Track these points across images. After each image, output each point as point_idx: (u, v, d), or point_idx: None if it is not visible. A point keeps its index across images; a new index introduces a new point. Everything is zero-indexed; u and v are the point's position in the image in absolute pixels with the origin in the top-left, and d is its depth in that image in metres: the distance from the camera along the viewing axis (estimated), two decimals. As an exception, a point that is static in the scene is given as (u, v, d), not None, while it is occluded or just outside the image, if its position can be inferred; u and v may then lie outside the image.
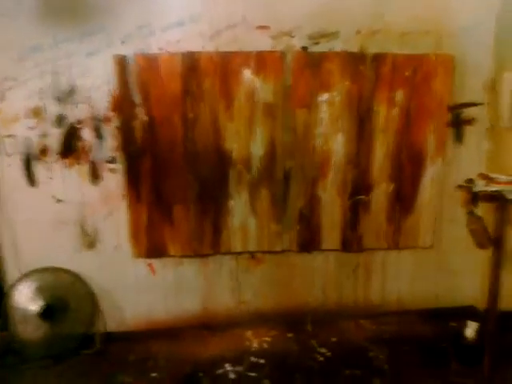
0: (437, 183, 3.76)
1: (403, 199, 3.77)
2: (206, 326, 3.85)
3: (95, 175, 3.52)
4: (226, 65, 3.37)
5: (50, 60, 3.31)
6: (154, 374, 3.32)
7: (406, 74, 3.51)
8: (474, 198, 3.05)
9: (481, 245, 3.12)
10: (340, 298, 3.99)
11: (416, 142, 3.65)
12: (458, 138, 3.74)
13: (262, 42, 3.37)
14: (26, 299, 3.52)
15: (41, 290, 3.53)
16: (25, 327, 3.54)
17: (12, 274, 3.64)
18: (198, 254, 3.73)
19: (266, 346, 3.64)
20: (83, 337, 3.65)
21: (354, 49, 3.47)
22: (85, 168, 3.49)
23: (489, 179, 3.04)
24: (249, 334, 3.78)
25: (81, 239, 3.63)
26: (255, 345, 3.65)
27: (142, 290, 3.77)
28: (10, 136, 3.42)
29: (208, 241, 3.69)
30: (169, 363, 3.44)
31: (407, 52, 3.49)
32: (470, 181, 3.10)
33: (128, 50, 3.31)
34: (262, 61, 3.38)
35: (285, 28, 3.38)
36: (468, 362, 3.34)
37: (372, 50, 3.47)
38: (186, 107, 3.41)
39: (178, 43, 3.33)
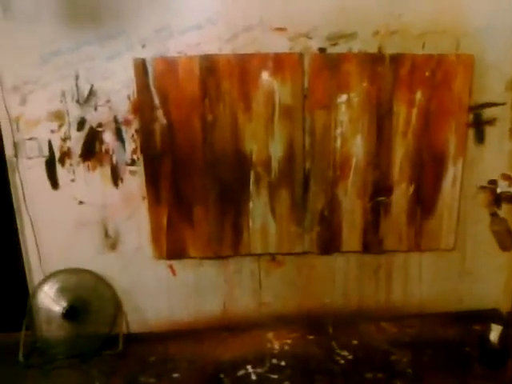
0: (458, 184, 3.71)
1: (424, 200, 3.74)
2: (227, 327, 3.85)
3: (116, 177, 3.57)
4: (244, 67, 3.39)
5: (70, 63, 3.36)
6: (175, 375, 3.33)
7: (426, 74, 3.48)
8: (497, 199, 3.01)
9: (504, 247, 3.08)
10: (361, 301, 3.97)
11: (436, 142, 3.62)
12: (480, 138, 3.69)
13: (279, 44, 3.38)
14: (50, 300, 3.57)
15: (64, 291, 3.58)
16: (49, 327, 3.60)
17: (36, 275, 3.71)
18: (219, 256, 3.74)
19: (287, 347, 3.61)
20: (106, 337, 3.68)
21: (373, 49, 3.45)
22: (106, 170, 3.54)
23: (512, 180, 3.01)
24: (270, 335, 3.76)
25: (103, 241, 3.68)
26: (276, 347, 3.63)
27: (162, 292, 3.80)
28: (31, 139, 3.47)
29: (228, 242, 3.70)
30: (190, 364, 3.44)
31: (426, 52, 3.47)
32: (493, 182, 3.06)
33: (147, 54, 3.34)
34: (279, 62, 3.39)
35: (302, 29, 3.38)
36: (492, 365, 3.28)
37: (390, 50, 3.45)
38: (205, 109, 3.43)
39: (197, 46, 3.35)
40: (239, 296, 3.87)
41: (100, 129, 3.48)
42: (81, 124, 3.47)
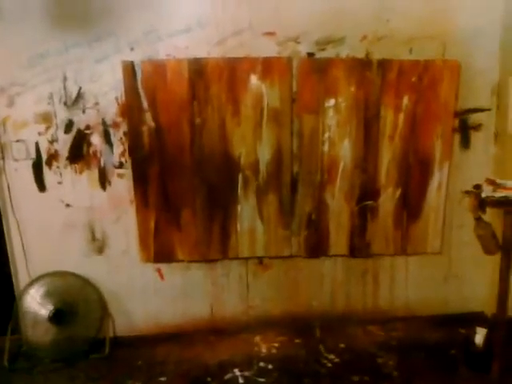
0: (444, 189, 3.76)
1: (410, 204, 3.77)
2: (215, 330, 3.85)
3: (104, 180, 3.56)
4: (233, 71, 3.40)
5: (58, 65, 3.35)
6: (162, 379, 3.32)
7: (412, 79, 3.53)
8: (482, 203, 3.02)
9: (489, 251, 3.08)
10: (348, 304, 3.99)
11: (423, 147, 3.66)
12: (465, 143, 3.74)
13: (268, 48, 3.41)
14: (36, 303, 3.55)
15: (50, 294, 3.55)
16: (35, 331, 3.56)
17: (22, 278, 3.68)
18: (206, 259, 3.75)
19: (274, 351, 3.63)
20: (93, 341, 3.66)
21: (360, 55, 3.49)
22: (94, 173, 3.54)
23: (496, 185, 3.03)
24: (257, 338, 3.77)
25: (90, 244, 3.67)
26: (263, 350, 3.64)
27: (150, 295, 3.79)
28: (18, 141, 3.46)
29: (216, 246, 3.70)
30: (177, 368, 3.44)
31: (413, 58, 3.51)
32: (478, 186, 3.08)
33: (136, 56, 3.35)
34: (268, 67, 3.41)
35: (291, 34, 3.41)
36: (477, 368, 3.31)
37: (378, 55, 3.49)
38: (194, 113, 3.44)
39: (185, 49, 3.37)
40: (227, 299, 3.87)
41: (88, 131, 3.47)
42: (68, 126, 3.46)
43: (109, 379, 3.38)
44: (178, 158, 3.52)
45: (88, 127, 3.46)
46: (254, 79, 3.43)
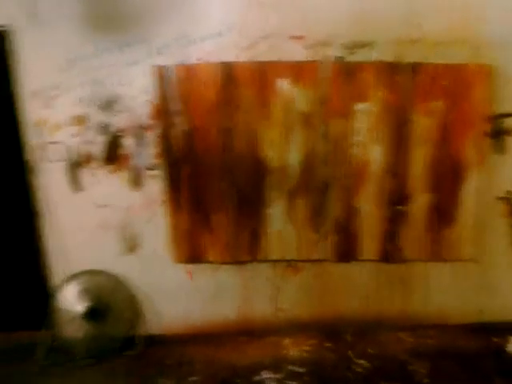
0: (477, 194, 3.69)
1: (443, 210, 3.72)
2: (243, 332, 3.85)
3: (136, 181, 3.63)
4: (263, 74, 3.44)
5: (92, 69, 3.47)
6: (192, 379, 3.34)
7: (444, 83, 3.51)
8: (516, 209, 2.97)
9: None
10: (379, 310, 3.93)
11: (455, 151, 3.61)
12: (499, 148, 3.68)
13: (297, 52, 3.44)
14: (71, 300, 3.64)
15: (85, 292, 3.65)
16: (69, 327, 3.66)
17: (58, 275, 3.77)
18: (236, 261, 3.77)
19: (304, 354, 3.61)
20: (125, 338, 3.73)
21: (390, 58, 3.48)
22: (126, 174, 3.62)
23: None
24: (287, 341, 3.76)
25: (123, 243, 3.74)
26: (293, 353, 3.62)
27: (180, 295, 3.82)
28: (54, 143, 3.57)
29: (246, 248, 3.72)
30: (207, 368, 3.46)
31: (445, 62, 3.49)
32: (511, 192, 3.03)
33: (167, 60, 3.43)
34: (298, 70, 3.45)
35: (320, 38, 3.43)
36: (510, 376, 3.23)
37: (408, 59, 3.48)
38: (224, 116, 3.49)
39: (216, 53, 3.43)
40: (256, 301, 3.87)
41: (121, 134, 3.56)
42: (102, 129, 3.55)
43: (140, 376, 3.43)
44: (209, 161, 3.56)
45: (121, 130, 3.55)
46: (283, 83, 3.46)
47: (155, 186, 3.63)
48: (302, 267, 3.82)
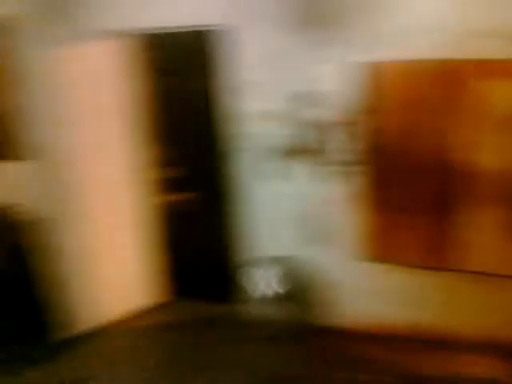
0: None
1: None
2: (426, 340, 3.64)
3: (334, 175, 3.62)
4: (470, 73, 3.16)
5: (297, 65, 3.52)
6: (365, 377, 3.31)
7: None
8: None
9: None
10: None
11: None
12: None
13: (495, 49, 3.03)
14: (260, 281, 3.84)
15: (272, 276, 3.80)
16: (254, 306, 3.90)
17: (246, 257, 4.00)
18: (431, 267, 3.54)
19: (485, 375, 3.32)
20: (305, 326, 3.82)
21: None
22: (324, 168, 3.62)
23: None
24: (473, 358, 3.47)
25: (314, 234, 3.75)
26: (476, 371, 3.35)
27: (367, 292, 3.73)
28: (251, 134, 3.72)
29: (444, 255, 3.47)
30: (383, 369, 3.39)
31: None
32: None
33: (373, 58, 3.31)
34: (495, 69, 3.10)
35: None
36: None
37: None
38: (436, 116, 3.29)
39: (422, 50, 3.18)
40: (447, 312, 3.59)
41: (322, 127, 3.55)
42: (303, 122, 3.58)
43: (313, 364, 3.51)
44: (415, 161, 3.40)
45: (323, 124, 3.54)
46: (487, 83, 3.14)
47: (355, 181, 3.57)
48: (504, 283, 3.44)
